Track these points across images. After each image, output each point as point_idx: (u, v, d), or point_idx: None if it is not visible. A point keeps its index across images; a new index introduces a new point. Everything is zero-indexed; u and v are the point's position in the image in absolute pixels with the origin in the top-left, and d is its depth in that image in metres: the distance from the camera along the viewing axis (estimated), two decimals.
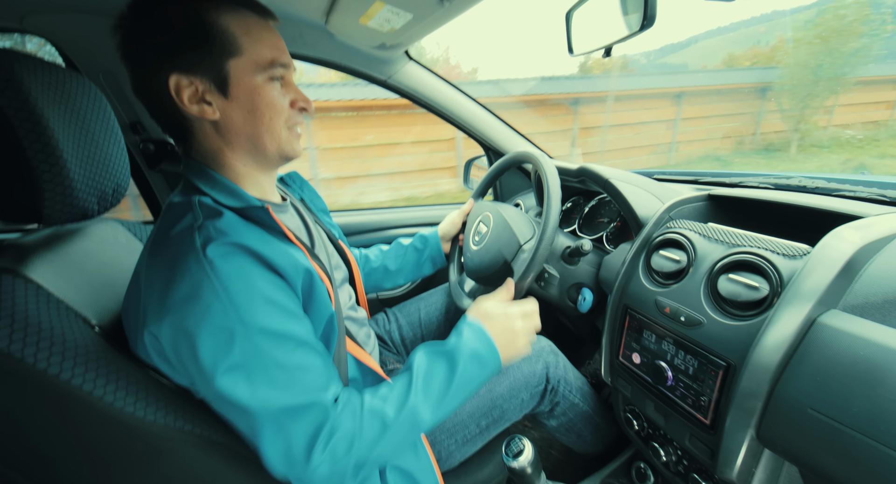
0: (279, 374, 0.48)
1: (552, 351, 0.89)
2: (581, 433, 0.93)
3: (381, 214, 1.50)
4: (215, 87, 0.54)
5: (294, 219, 0.71)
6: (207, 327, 0.46)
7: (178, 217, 0.52)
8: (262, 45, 0.55)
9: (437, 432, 0.77)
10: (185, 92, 0.53)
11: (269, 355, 0.48)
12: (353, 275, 0.86)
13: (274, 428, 0.48)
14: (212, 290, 0.46)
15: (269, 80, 0.56)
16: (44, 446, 0.46)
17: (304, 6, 0.92)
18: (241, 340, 0.47)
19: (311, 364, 0.52)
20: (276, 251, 0.52)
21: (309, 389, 0.50)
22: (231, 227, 0.51)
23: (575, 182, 1.06)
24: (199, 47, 0.52)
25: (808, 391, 0.47)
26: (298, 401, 0.48)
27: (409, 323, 1.04)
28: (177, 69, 0.52)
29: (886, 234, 0.53)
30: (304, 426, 0.48)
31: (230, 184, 0.58)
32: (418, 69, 1.21)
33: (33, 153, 0.47)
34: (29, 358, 0.43)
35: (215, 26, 0.52)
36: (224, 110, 0.55)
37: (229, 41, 0.53)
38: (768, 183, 0.88)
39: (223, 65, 0.53)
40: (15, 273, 0.48)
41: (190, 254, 0.48)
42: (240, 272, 0.48)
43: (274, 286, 0.51)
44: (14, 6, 0.85)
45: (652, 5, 0.65)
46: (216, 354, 0.47)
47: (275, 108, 0.57)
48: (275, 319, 0.49)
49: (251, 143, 0.58)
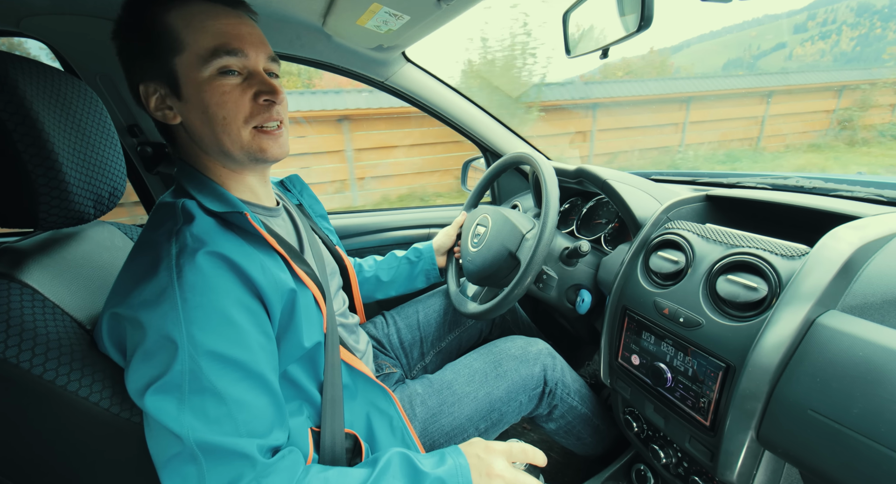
0: (213, 404, 0.44)
1: (550, 353, 0.89)
2: (580, 436, 0.92)
3: (377, 216, 1.50)
4: (170, 89, 0.52)
5: (286, 224, 0.70)
6: (156, 335, 0.44)
7: (161, 220, 0.51)
8: (204, 34, 0.50)
9: (435, 437, 0.76)
10: (151, 100, 0.53)
11: (208, 380, 0.44)
12: (350, 281, 0.86)
13: (186, 459, 0.43)
14: (172, 299, 0.44)
15: (218, 75, 0.51)
16: (40, 452, 0.46)
17: (302, 8, 0.92)
18: (184, 357, 0.43)
19: (253, 402, 0.47)
20: (255, 266, 0.50)
21: (241, 431, 0.45)
22: (209, 235, 0.49)
23: (573, 183, 1.06)
24: (148, 51, 0.50)
25: (808, 392, 0.47)
26: (223, 442, 0.43)
27: (407, 326, 1.04)
28: (141, 77, 0.52)
29: (884, 235, 0.53)
30: (220, 474, 0.43)
31: (217, 187, 0.56)
32: (416, 71, 1.21)
33: (29, 157, 0.47)
34: (25, 363, 0.43)
35: (158, 26, 0.50)
36: (183, 113, 0.53)
37: (171, 37, 0.49)
38: (766, 183, 0.88)
39: (169, 64, 0.50)
40: (10, 278, 0.47)
41: (163, 259, 0.46)
42: (205, 285, 0.46)
43: (241, 307, 0.48)
44: (11, 9, 0.85)
45: (649, 6, 0.65)
46: (155, 367, 0.43)
47: (226, 105, 0.51)
48: (228, 342, 0.46)
49: (216, 145, 0.54)
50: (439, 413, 0.78)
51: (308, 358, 0.60)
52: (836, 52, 12.34)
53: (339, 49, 1.07)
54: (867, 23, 12.91)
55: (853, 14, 14.20)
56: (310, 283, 0.59)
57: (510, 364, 0.84)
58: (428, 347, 1.03)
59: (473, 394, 0.80)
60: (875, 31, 12.51)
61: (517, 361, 0.84)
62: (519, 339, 0.90)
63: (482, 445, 0.57)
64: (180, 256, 0.46)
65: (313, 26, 0.99)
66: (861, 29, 12.85)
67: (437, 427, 0.77)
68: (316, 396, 0.61)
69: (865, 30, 12.72)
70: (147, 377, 0.44)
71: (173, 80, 0.51)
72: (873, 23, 12.72)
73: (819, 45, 12.94)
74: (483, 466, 0.54)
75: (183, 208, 0.52)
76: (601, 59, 0.83)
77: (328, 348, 0.62)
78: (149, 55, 0.51)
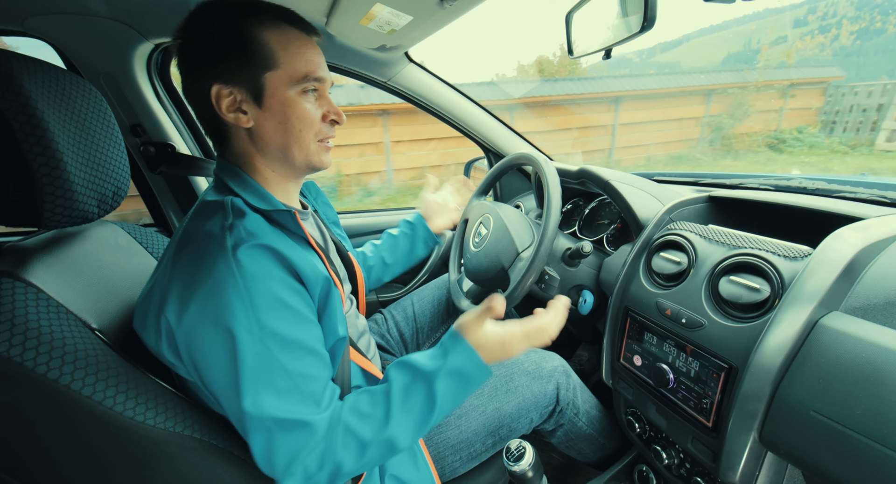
0: (283, 380, 0.49)
1: (565, 371, 0.86)
2: (581, 450, 0.92)
3: (381, 217, 1.51)
4: (251, 97, 0.57)
5: (314, 227, 0.73)
6: (223, 320, 0.47)
7: (210, 215, 0.54)
8: (299, 59, 0.57)
9: (441, 449, 0.75)
10: (224, 101, 0.56)
11: (276, 360, 0.49)
12: (358, 286, 0.86)
13: (263, 434, 0.48)
14: (235, 288, 0.48)
15: (302, 93, 0.58)
16: (43, 451, 0.46)
17: (305, 8, 0.92)
18: (255, 341, 0.48)
19: (315, 374, 0.52)
20: (298, 256, 0.54)
21: (308, 401, 0.50)
22: (259, 230, 0.53)
23: (575, 184, 1.06)
24: (239, 60, 0.55)
25: (811, 394, 0.47)
26: (293, 416, 0.49)
27: (404, 318, 1.06)
28: (218, 79, 0.55)
29: (887, 236, 0.53)
30: (291, 442, 0.49)
31: (260, 187, 0.60)
32: (418, 71, 1.21)
33: (33, 156, 0.47)
34: (28, 362, 0.43)
35: (256, 41, 0.55)
36: (258, 120, 0.58)
37: (267, 55, 0.55)
38: (768, 184, 0.88)
39: (260, 77, 0.56)
40: (15, 277, 0.48)
41: (219, 252, 0.49)
42: (263, 274, 0.50)
43: (293, 291, 0.52)
44: (15, 8, 0.85)
45: (652, 6, 0.65)
46: (223, 342, 0.48)
47: (305, 120, 0.59)
48: (289, 324, 0.50)
49: (281, 152, 0.60)
50: (445, 425, 0.76)
51: (329, 352, 0.61)
52: (836, 46, 12.26)
53: (342, 49, 1.07)
54: (867, 16, 12.81)
55: (853, 8, 14.11)
56: (338, 282, 0.62)
57: (522, 380, 0.82)
58: (424, 338, 1.05)
59: (482, 408, 0.78)
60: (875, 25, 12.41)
61: (530, 377, 0.82)
62: (533, 352, 0.88)
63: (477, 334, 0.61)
64: (236, 249, 0.49)
65: (317, 26, 0.99)
66: (861, 23, 12.75)
67: (443, 439, 0.75)
68: None
69: (865, 24, 12.62)
70: (223, 362, 0.48)
71: (258, 90, 0.56)
72: (873, 16, 12.62)
73: (819, 39, 12.87)
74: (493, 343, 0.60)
75: (233, 205, 0.55)
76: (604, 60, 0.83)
77: (343, 348, 0.63)
78: (236, 63, 0.55)
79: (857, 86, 6.99)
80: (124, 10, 0.88)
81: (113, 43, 0.95)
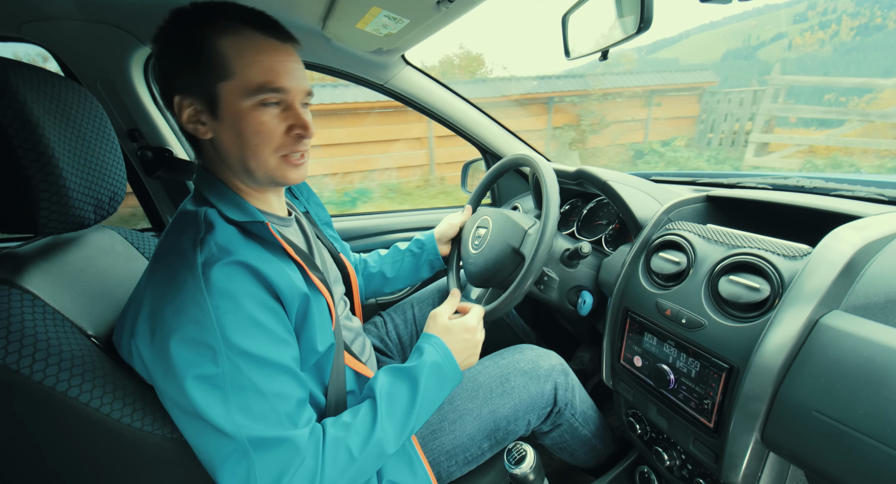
0: (256, 400, 0.48)
1: (563, 371, 0.84)
2: (574, 452, 0.90)
3: (379, 219, 1.50)
4: (207, 108, 0.54)
5: (297, 233, 0.71)
6: (190, 340, 0.46)
7: (184, 228, 0.53)
8: (254, 68, 0.53)
9: (436, 454, 0.74)
10: (185, 111, 0.55)
11: (248, 379, 0.47)
12: (352, 288, 0.86)
13: (239, 456, 0.46)
14: (202, 306, 0.46)
15: (259, 106, 0.54)
16: (41, 458, 0.45)
17: (302, 12, 0.92)
18: (223, 360, 0.46)
19: (290, 393, 0.51)
20: (274, 271, 0.53)
21: (284, 421, 0.49)
22: (232, 244, 0.52)
23: (573, 184, 1.06)
24: (194, 70, 0.53)
25: (813, 393, 0.46)
26: (271, 434, 0.47)
27: (404, 321, 1.05)
28: (178, 90, 0.54)
29: (886, 234, 0.53)
30: (272, 462, 0.47)
31: (236, 196, 0.59)
32: (415, 73, 1.21)
33: (29, 162, 0.47)
34: (25, 369, 0.42)
35: (209, 49, 0.52)
36: (216, 131, 0.56)
37: (220, 64, 0.52)
38: (766, 183, 0.88)
39: (213, 87, 0.53)
40: (10, 284, 0.47)
41: (188, 269, 0.48)
42: (233, 292, 0.48)
43: (265, 308, 0.51)
44: (12, 14, 0.85)
45: (648, 7, 0.65)
46: (191, 362, 0.46)
47: (261, 134, 0.55)
48: (260, 343, 0.49)
49: (240, 165, 0.57)
50: (439, 430, 0.75)
51: (316, 363, 0.60)
52: (836, 41, 12.15)
53: (339, 52, 1.08)
54: (867, 12, 12.68)
55: (853, 3, 14.04)
56: (323, 289, 0.61)
57: (518, 380, 0.79)
58: None
59: (476, 411, 0.76)
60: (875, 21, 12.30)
61: (526, 377, 0.80)
62: (529, 350, 0.86)
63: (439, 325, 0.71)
64: (206, 266, 0.48)
65: (313, 30, 0.99)
66: (861, 18, 12.65)
67: (438, 444, 0.74)
68: (321, 400, 0.61)
69: (866, 19, 12.52)
70: (183, 370, 0.46)
71: (213, 101, 0.53)
72: (874, 12, 12.52)
73: (819, 35, 12.79)
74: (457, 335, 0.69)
75: (205, 217, 0.54)
76: (600, 61, 0.84)
77: (335, 353, 0.62)
78: (192, 72, 0.53)
79: (730, 92, 6.20)
80: (121, 16, 0.88)
81: (110, 48, 0.95)
